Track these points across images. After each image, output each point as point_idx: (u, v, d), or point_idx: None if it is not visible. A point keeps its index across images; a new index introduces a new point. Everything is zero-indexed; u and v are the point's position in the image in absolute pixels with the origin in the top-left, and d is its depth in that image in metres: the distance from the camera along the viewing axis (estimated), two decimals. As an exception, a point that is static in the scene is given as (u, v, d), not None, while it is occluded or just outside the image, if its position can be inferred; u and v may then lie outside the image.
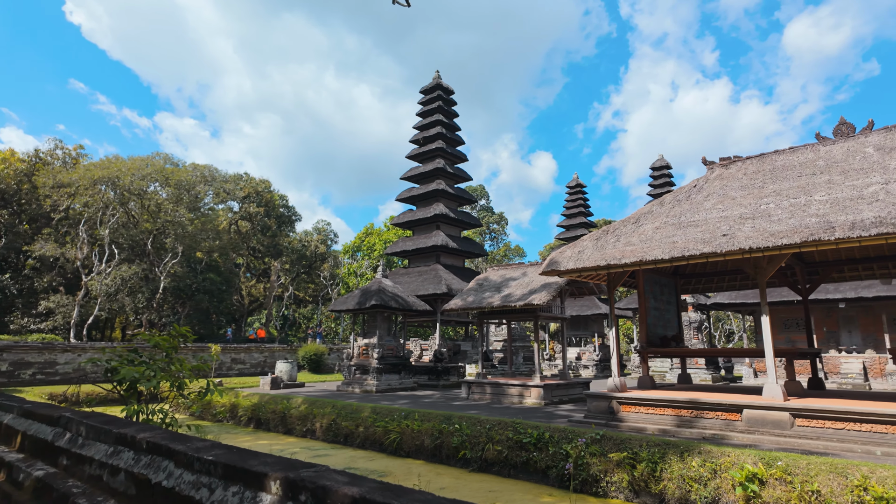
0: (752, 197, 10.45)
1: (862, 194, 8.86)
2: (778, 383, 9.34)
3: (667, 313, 13.82)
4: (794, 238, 8.60)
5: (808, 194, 9.60)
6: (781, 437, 8.73)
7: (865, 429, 8.18)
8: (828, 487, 6.79)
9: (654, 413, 10.37)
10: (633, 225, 11.58)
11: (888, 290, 22.57)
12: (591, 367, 33.01)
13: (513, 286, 15.73)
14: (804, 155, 11.04)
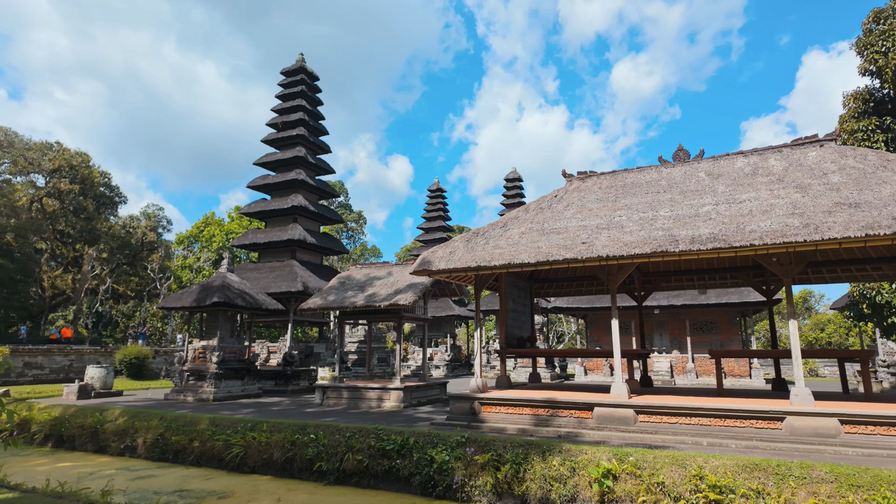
0: (606, 209, 11.23)
1: (698, 213, 9.96)
2: (624, 382, 10.09)
3: (523, 315, 14.37)
4: (644, 248, 9.33)
5: (654, 210, 10.56)
6: (627, 433, 9.41)
7: (694, 422, 9.15)
8: (671, 479, 7.35)
9: (514, 413, 10.57)
10: (501, 229, 11.76)
11: (692, 299, 26.46)
12: (443, 368, 33.69)
13: (378, 285, 15.13)
14: (650, 175, 12.21)
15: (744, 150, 11.78)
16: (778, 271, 9.29)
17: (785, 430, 8.53)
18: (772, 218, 8.97)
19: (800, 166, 10.44)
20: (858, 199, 8.74)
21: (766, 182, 10.27)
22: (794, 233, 8.40)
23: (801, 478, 6.80)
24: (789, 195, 9.55)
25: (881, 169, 9.41)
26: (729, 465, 7.26)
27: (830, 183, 9.53)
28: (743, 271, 13.54)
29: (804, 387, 8.83)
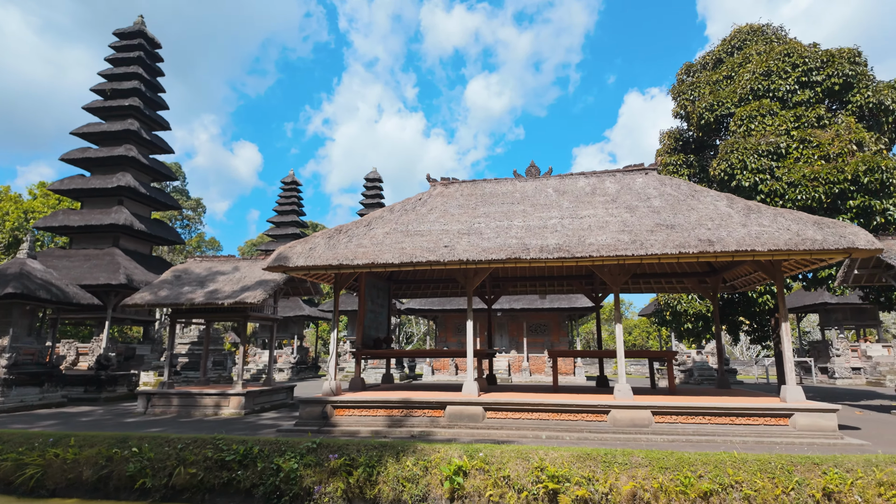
0: (467, 216, 11.67)
1: (546, 225, 10.82)
2: (475, 381, 10.53)
3: (380, 316, 14.28)
4: (501, 255, 9.86)
5: (509, 219, 11.23)
6: (476, 430, 9.81)
7: (535, 417, 9.87)
8: (515, 472, 7.82)
9: (368, 415, 10.40)
10: (364, 228, 11.55)
11: (530, 303, 28.81)
12: (288, 371, 32.09)
13: (221, 281, 13.82)
14: (506, 186, 12.98)
15: (585, 171, 13.12)
16: (609, 280, 10.47)
17: (609, 422, 9.62)
18: (607, 233, 10.09)
19: (629, 190, 11.93)
20: (674, 222, 10.24)
21: (603, 201, 11.54)
22: (625, 247, 9.54)
23: (624, 464, 7.70)
24: (621, 214, 10.84)
25: (690, 197, 11.16)
26: (566, 455, 7.94)
27: (653, 206, 11.02)
28: (577, 279, 15.07)
29: (626, 383, 10.07)
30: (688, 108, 18.99)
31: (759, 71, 16.63)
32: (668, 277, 14.41)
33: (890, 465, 7.16)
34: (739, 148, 15.36)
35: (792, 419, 9.10)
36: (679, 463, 7.58)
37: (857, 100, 15.61)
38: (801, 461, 7.44)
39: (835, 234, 9.02)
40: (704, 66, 20.06)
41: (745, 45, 18.99)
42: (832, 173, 13.85)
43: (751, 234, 9.41)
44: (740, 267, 12.34)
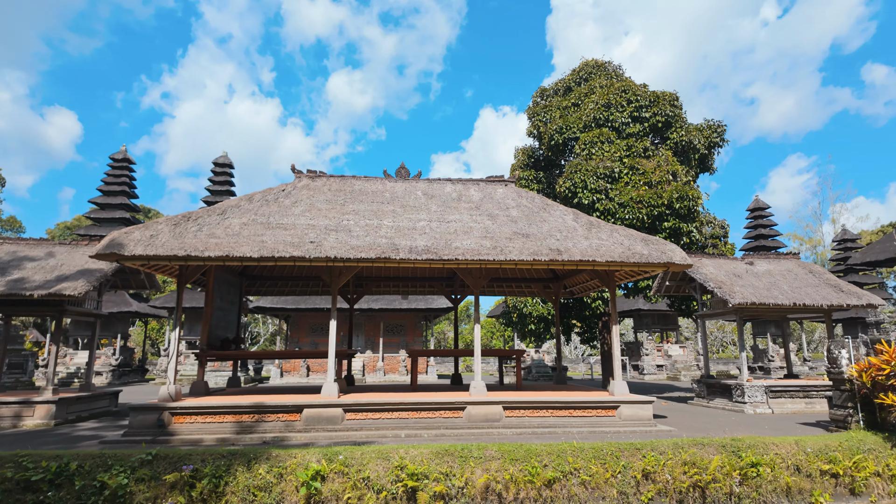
0: (335, 212, 11.36)
1: (416, 226, 10.99)
2: (335, 382, 10.26)
3: (230, 314, 13.22)
4: (370, 253, 9.77)
5: (379, 219, 11.18)
6: (334, 432, 9.56)
7: (395, 416, 9.94)
8: (376, 472, 7.78)
9: (214, 422, 9.54)
10: (218, 216, 10.60)
11: (388, 303, 28.95)
12: (107, 374, 28.15)
13: (30, 268, 11.60)
14: (376, 185, 12.90)
15: (451, 178, 13.60)
16: (470, 283, 10.97)
17: (465, 417, 10.06)
18: (471, 238, 10.57)
19: (491, 199, 12.64)
20: (528, 231, 11.08)
21: (468, 208, 12.07)
22: (487, 252, 10.08)
23: (479, 458, 8.10)
24: (483, 221, 11.44)
25: (543, 210, 12.18)
26: (426, 453, 8.12)
27: (511, 216, 11.82)
28: (438, 281, 15.54)
29: (481, 380, 10.62)
30: (540, 128, 20.72)
31: (601, 102, 18.79)
32: (519, 282, 15.55)
33: (692, 447, 8.53)
34: (582, 169, 17.18)
35: (618, 410, 10.40)
36: (528, 454, 8.20)
37: (674, 137, 18.45)
38: (626, 447, 8.53)
39: (658, 250, 10.53)
40: (556, 92, 22.07)
41: (591, 77, 21.32)
42: (653, 198, 16.17)
43: (592, 246, 10.57)
44: (580, 275, 13.78)
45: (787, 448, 8.60)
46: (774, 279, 14.51)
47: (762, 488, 8.10)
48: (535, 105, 22.40)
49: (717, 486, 8.02)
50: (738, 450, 8.43)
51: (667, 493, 8.02)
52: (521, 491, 7.85)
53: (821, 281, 14.64)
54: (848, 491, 8.25)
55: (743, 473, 8.13)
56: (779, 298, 13.29)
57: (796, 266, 15.55)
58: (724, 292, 13.23)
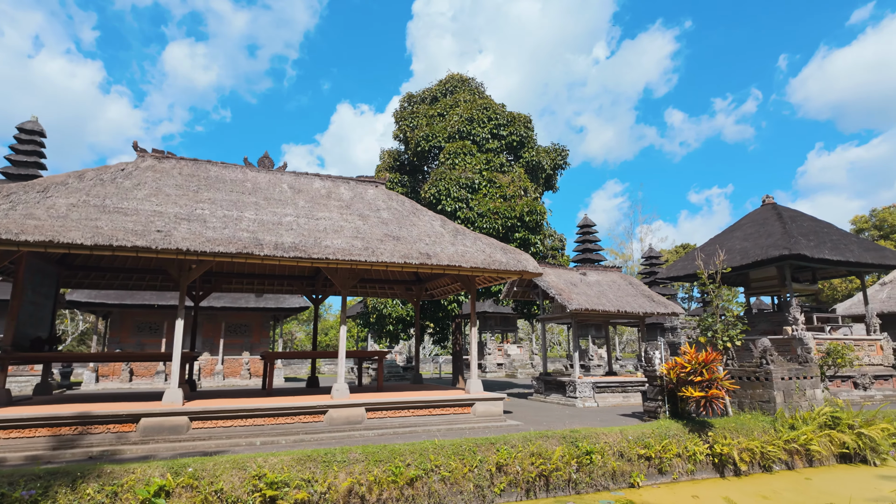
0: (188, 199, 10.30)
1: (282, 221, 10.46)
2: (179, 388, 9.29)
3: (43, 309, 11.20)
4: (230, 248, 9.06)
5: (240, 210, 10.41)
6: (178, 443, 8.65)
7: (249, 423, 9.32)
8: (230, 484, 7.23)
9: (22, 437, 8.00)
10: (38, 194, 8.95)
11: (233, 301, 26.87)
12: None
13: None
14: (235, 174, 11.97)
15: (320, 173, 13.19)
16: (339, 283, 10.76)
17: (326, 421, 9.82)
18: (342, 238, 10.38)
19: (362, 199, 12.54)
20: (399, 234, 11.23)
21: (338, 206, 11.82)
22: (359, 253, 9.99)
23: (343, 461, 7.99)
24: (354, 221, 11.30)
25: (413, 215, 12.43)
26: (286, 460, 7.76)
27: (382, 218, 11.86)
28: (299, 280, 14.91)
29: (344, 382, 10.46)
30: (407, 133, 21.08)
31: (465, 116, 19.75)
32: (383, 283, 15.62)
33: (538, 439, 9.39)
34: (446, 178, 17.88)
35: (473, 408, 11.01)
36: (392, 454, 8.29)
37: (526, 156, 20.10)
38: (483, 442, 9.08)
39: (514, 258, 11.40)
40: (423, 100, 22.65)
41: (456, 90, 22.28)
42: (508, 210, 17.45)
43: (458, 252, 11.07)
44: (442, 279, 14.31)
45: (613, 437, 9.91)
46: (602, 289, 16.61)
47: (594, 473, 9.23)
48: (402, 110, 22.70)
49: (558, 473, 8.94)
50: (576, 440, 9.50)
51: (517, 483, 8.72)
52: (384, 492, 7.91)
53: (638, 292, 17.12)
54: (657, 471, 9.78)
55: (579, 461, 9.17)
56: (606, 305, 15.25)
57: (619, 278, 17.98)
58: (564, 299, 14.79)
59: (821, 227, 19.36)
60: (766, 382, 11.83)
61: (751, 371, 12.16)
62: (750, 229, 19.76)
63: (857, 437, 11.32)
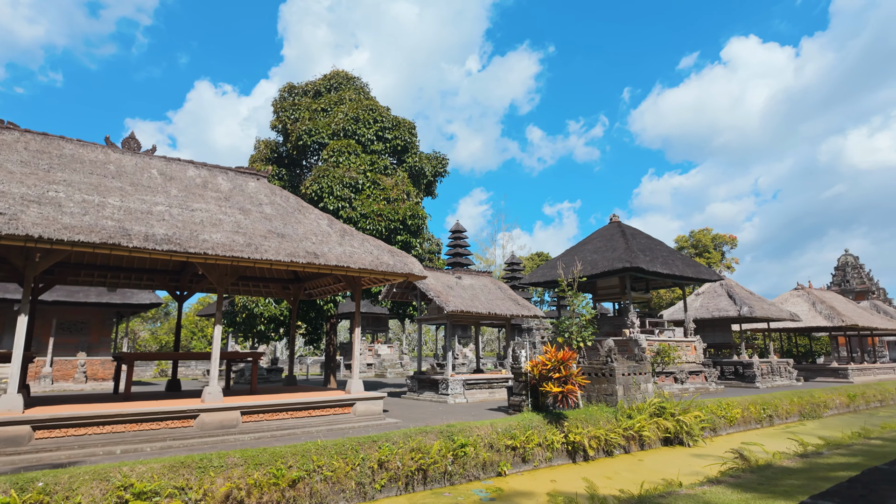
0: (37, 178, 9.05)
1: (152, 211, 9.64)
2: (19, 393, 8.15)
3: None
4: (92, 237, 8.19)
5: (102, 196, 9.40)
6: (19, 455, 7.58)
7: (106, 430, 8.47)
8: (91, 497, 6.59)
9: None
10: None
11: (68, 295, 23.53)
12: None
13: None
14: (95, 154, 10.73)
15: (194, 161, 12.32)
16: (216, 280, 10.19)
17: (196, 426, 9.26)
18: (222, 232, 9.87)
19: (242, 192, 11.98)
20: (284, 231, 10.96)
21: (216, 198, 11.18)
22: (241, 249, 9.59)
23: (220, 466, 7.67)
24: (235, 215, 10.79)
25: (298, 212, 12.18)
26: (157, 468, 7.25)
27: (265, 213, 11.46)
28: (161, 274, 13.70)
29: (217, 385, 9.93)
30: (288, 125, 20.39)
31: (350, 115, 19.68)
32: (258, 282, 14.97)
33: (418, 435, 9.83)
34: (330, 175, 17.68)
35: (354, 407, 11.14)
36: (272, 457, 8.15)
37: (409, 161, 20.60)
38: (365, 441, 9.28)
39: (401, 261, 11.76)
40: (306, 93, 22.05)
41: (341, 87, 22.06)
42: (391, 213, 17.77)
43: (346, 253, 11.13)
44: (324, 278, 14.16)
45: (485, 430, 10.72)
46: (475, 292, 17.68)
47: (467, 464, 9.92)
48: (282, 100, 21.89)
49: (436, 466, 9.46)
50: (452, 434, 10.12)
51: (397, 478, 9.07)
52: (264, 495, 7.76)
53: (505, 295, 18.50)
54: (521, 459, 10.78)
55: (455, 454, 9.80)
56: (479, 308, 16.28)
57: (490, 282, 19.26)
58: (442, 301, 15.50)
59: (655, 245, 22.59)
60: (611, 378, 13.60)
61: (598, 368, 13.89)
62: (599, 243, 22.37)
63: (676, 424, 13.50)
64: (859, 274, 55.27)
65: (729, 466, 9.21)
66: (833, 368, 28.95)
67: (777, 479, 7.44)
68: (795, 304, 31.73)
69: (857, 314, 31.87)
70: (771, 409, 17.56)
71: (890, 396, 24.96)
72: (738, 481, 7.49)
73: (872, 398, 23.62)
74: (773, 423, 17.37)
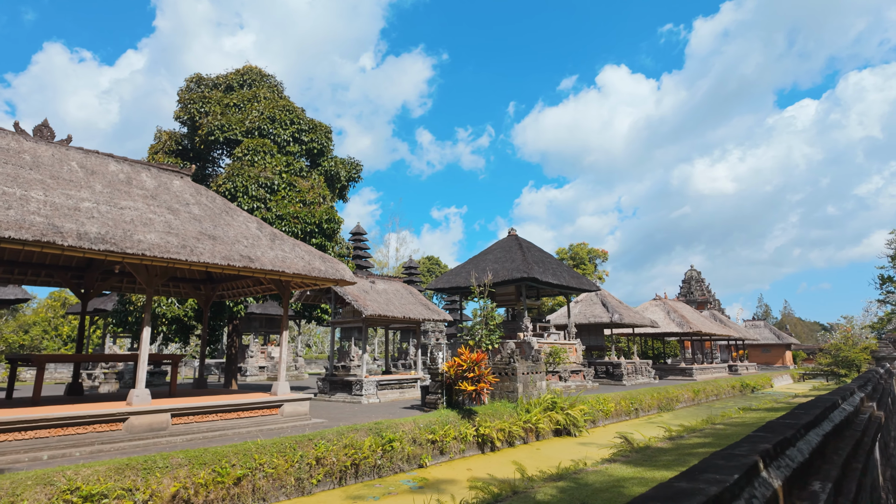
0: (-54, 165, 8.34)
1: (79, 207, 9.28)
2: (-76, 399, 7.52)
3: None
4: (23, 234, 7.85)
5: (24, 189, 8.88)
6: (-68, 466, 7.06)
7: (28, 436, 8.09)
8: (35, 501, 6.47)
9: None
10: None
11: None
12: None
13: None
14: (7, 142, 9.95)
15: (114, 154, 11.79)
16: (145, 281, 10.00)
17: (125, 429, 9.09)
18: (154, 232, 9.75)
19: (167, 190, 11.72)
20: (215, 233, 11.00)
21: (143, 196, 10.88)
22: (177, 251, 9.57)
23: (165, 467, 7.78)
24: (164, 214, 10.62)
25: (226, 213, 12.17)
26: (102, 470, 7.22)
27: (193, 213, 11.36)
28: (63, 271, 12.76)
29: (144, 388, 9.76)
30: (197, 118, 19.64)
31: (266, 114, 19.49)
32: (167, 281, 14.45)
33: (350, 433, 10.49)
34: (244, 174, 17.44)
35: (282, 408, 11.45)
36: (216, 457, 8.39)
37: (325, 165, 20.85)
38: (301, 439, 9.75)
39: (332, 267, 12.29)
40: (217, 86, 21.32)
41: (255, 84, 21.66)
42: (308, 216, 17.97)
43: (279, 257, 11.44)
44: (243, 280, 14.13)
45: (409, 426, 11.65)
46: (389, 296, 18.50)
47: (394, 458, 10.78)
48: (189, 91, 20.96)
49: (367, 461, 10.21)
50: (381, 431, 10.91)
51: (332, 473, 9.68)
52: (210, 493, 8.01)
53: (416, 300, 19.54)
54: (440, 452, 11.86)
55: (384, 448, 10.61)
56: (394, 312, 17.13)
57: (402, 287, 20.17)
58: (360, 305, 16.12)
59: (546, 258, 25.07)
60: (513, 376, 15.22)
61: (502, 367, 15.46)
62: (499, 254, 24.32)
63: (566, 417, 15.47)
64: (701, 287, 64.58)
65: (618, 449, 11.10)
66: (682, 368, 33.92)
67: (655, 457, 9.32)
68: (654, 312, 36.64)
69: (701, 322, 37.59)
70: (637, 404, 20.51)
71: (723, 391, 29.96)
72: (627, 459, 9.24)
73: (710, 393, 28.24)
74: (638, 415, 20.30)
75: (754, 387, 34.52)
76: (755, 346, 62.85)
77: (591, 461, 9.99)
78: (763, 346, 64.02)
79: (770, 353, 64.20)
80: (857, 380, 6.59)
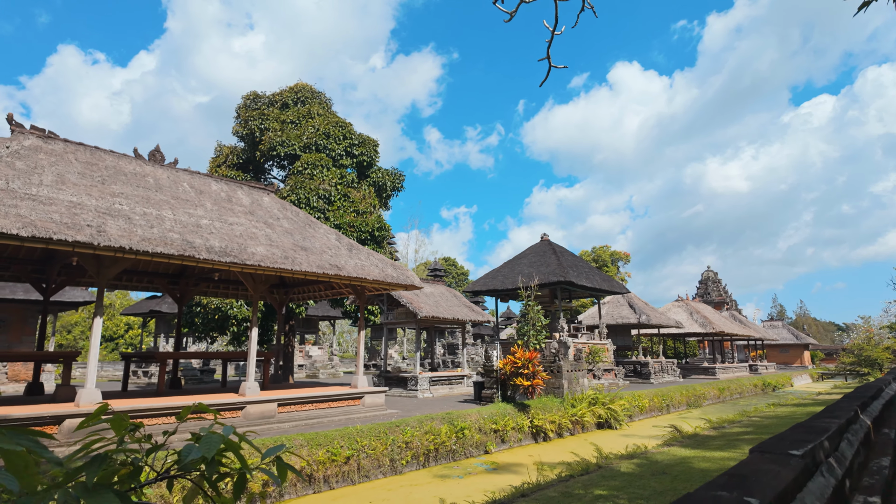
0: (98, 191, 9.82)
1: (199, 224, 10.73)
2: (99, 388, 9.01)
3: None
4: (169, 249, 9.28)
5: (157, 209, 10.34)
6: (110, 443, 8.52)
7: (155, 423, 9.54)
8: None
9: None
10: (-65, 169, 7.77)
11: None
12: None
13: None
14: (132, 166, 11.44)
15: (212, 175, 13.25)
16: (252, 287, 11.43)
17: (243, 416, 10.53)
18: (261, 245, 11.18)
19: (260, 206, 13.16)
20: (305, 245, 12.41)
21: (243, 212, 12.33)
22: (282, 262, 10.99)
23: (290, 448, 9.17)
24: (263, 229, 12.06)
25: (309, 226, 13.59)
26: (246, 448, 8.61)
27: (285, 227, 12.79)
28: (162, 277, 14.25)
29: (254, 381, 11.18)
30: (256, 134, 21.15)
31: (321, 130, 20.95)
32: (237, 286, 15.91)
33: (428, 421, 11.84)
34: (306, 187, 18.90)
35: (363, 399, 12.84)
36: (327, 439, 9.79)
37: (373, 176, 22.26)
38: (391, 426, 11.13)
39: (403, 274, 13.65)
40: (273, 103, 22.82)
41: (308, 101, 23.12)
42: (362, 224, 19.38)
43: (358, 265, 12.82)
44: (315, 285, 15.54)
45: (474, 416, 12.98)
46: (437, 299, 19.85)
47: (466, 444, 12.11)
48: (246, 108, 22.47)
49: (444, 445, 11.55)
50: (453, 420, 12.25)
51: (417, 455, 11.03)
52: (328, 469, 9.40)
53: (461, 302, 20.87)
54: (501, 440, 13.17)
55: (457, 435, 11.95)
56: (444, 313, 18.48)
57: (446, 290, 21.52)
58: (415, 307, 17.49)
59: (578, 261, 26.26)
60: (558, 374, 16.48)
61: (548, 365, 16.73)
62: (533, 259, 25.57)
63: (607, 411, 16.70)
64: (718, 287, 65.16)
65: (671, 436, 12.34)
66: (705, 367, 34.90)
67: (707, 442, 10.54)
68: (677, 313, 37.64)
69: (722, 322, 38.52)
70: (668, 400, 21.67)
71: (745, 389, 30.94)
72: (683, 444, 10.48)
73: (734, 391, 29.25)
74: (669, 411, 21.45)
75: (775, 385, 35.44)
76: (773, 346, 63.39)
77: (649, 447, 11.23)
78: (781, 346, 64.52)
79: (788, 353, 64.68)
80: (891, 373, 7.79)
